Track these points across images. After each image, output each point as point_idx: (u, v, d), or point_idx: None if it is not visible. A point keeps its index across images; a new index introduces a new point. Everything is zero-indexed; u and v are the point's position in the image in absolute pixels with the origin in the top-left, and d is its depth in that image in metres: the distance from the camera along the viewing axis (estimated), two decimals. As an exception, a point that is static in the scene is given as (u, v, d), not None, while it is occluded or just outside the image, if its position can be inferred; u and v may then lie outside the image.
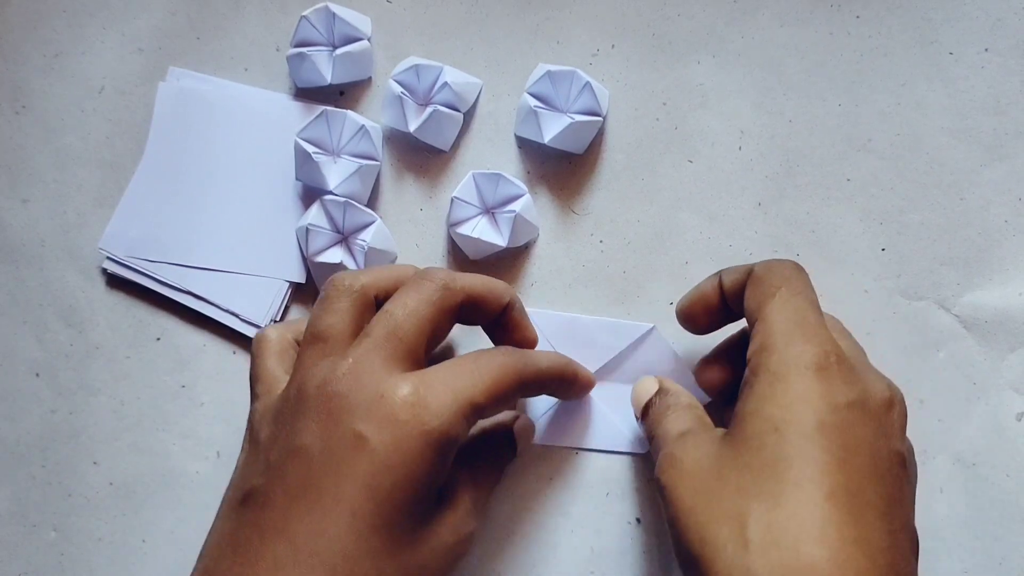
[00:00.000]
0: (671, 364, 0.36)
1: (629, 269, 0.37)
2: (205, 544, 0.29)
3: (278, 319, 0.38)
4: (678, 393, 0.32)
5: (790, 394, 0.27)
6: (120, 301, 0.39)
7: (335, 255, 0.36)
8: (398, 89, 0.37)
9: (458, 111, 0.37)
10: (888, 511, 0.26)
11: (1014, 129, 0.36)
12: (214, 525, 0.29)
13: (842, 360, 0.27)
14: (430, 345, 0.30)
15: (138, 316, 0.39)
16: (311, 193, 0.38)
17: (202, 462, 0.38)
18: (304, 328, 0.31)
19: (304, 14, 0.37)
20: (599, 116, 0.36)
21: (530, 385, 0.31)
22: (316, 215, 0.37)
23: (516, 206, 0.36)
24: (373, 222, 0.37)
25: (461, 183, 0.36)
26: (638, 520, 0.36)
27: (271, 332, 0.32)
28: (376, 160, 0.37)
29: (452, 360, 0.29)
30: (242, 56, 0.40)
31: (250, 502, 0.28)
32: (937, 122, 0.37)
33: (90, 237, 0.39)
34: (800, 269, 0.30)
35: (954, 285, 0.36)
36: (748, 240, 0.37)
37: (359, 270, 0.32)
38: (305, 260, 0.38)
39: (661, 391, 0.33)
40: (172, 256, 0.38)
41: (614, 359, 0.36)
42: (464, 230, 0.36)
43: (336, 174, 0.37)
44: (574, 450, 0.36)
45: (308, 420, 0.28)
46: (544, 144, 0.36)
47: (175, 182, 0.39)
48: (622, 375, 0.36)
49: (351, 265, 0.36)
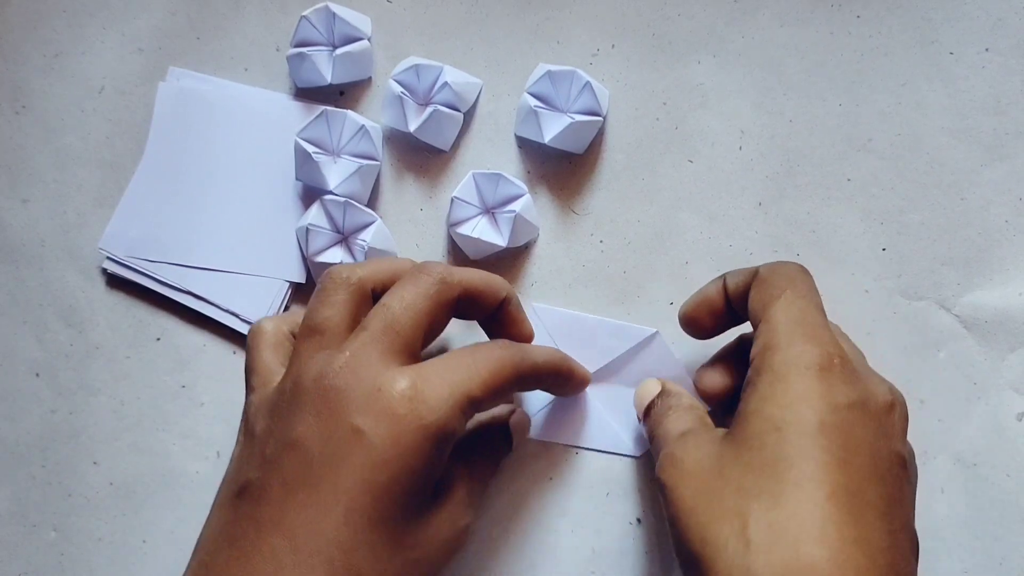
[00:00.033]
0: (672, 370, 0.36)
1: (629, 269, 0.37)
2: (201, 537, 0.29)
3: (278, 319, 0.38)
4: (680, 394, 0.32)
5: (792, 394, 0.27)
6: (120, 301, 0.39)
7: (335, 255, 0.36)
8: (398, 89, 0.37)
9: (458, 111, 0.37)
10: (888, 512, 0.26)
11: (1014, 129, 0.36)
12: (209, 518, 0.29)
13: (845, 361, 0.27)
14: (427, 339, 0.30)
15: (138, 316, 0.39)
16: (311, 193, 0.38)
17: (202, 462, 0.38)
18: (300, 320, 0.31)
19: (304, 14, 0.37)
20: (599, 116, 0.36)
21: (526, 379, 0.31)
22: (316, 215, 0.37)
23: (516, 206, 0.36)
24: (373, 222, 0.37)
25: (461, 183, 0.36)
26: (638, 520, 0.36)
27: (267, 324, 0.32)
28: (376, 160, 0.37)
29: (449, 353, 0.29)
30: (242, 56, 0.40)
31: (246, 495, 0.28)
32: (937, 122, 0.37)
33: (90, 237, 0.39)
34: (805, 271, 0.30)
35: (954, 285, 0.36)
36: (748, 240, 0.37)
37: (356, 263, 0.32)
38: (305, 260, 0.38)
39: (663, 392, 0.33)
40: (172, 256, 0.38)
41: (615, 361, 0.36)
42: (464, 230, 0.36)
43: (336, 174, 0.37)
44: (574, 451, 0.36)
45: (305, 413, 0.28)
46: (544, 144, 0.36)
47: (175, 182, 0.39)
48: (621, 377, 0.36)
49: (351, 265, 0.36)
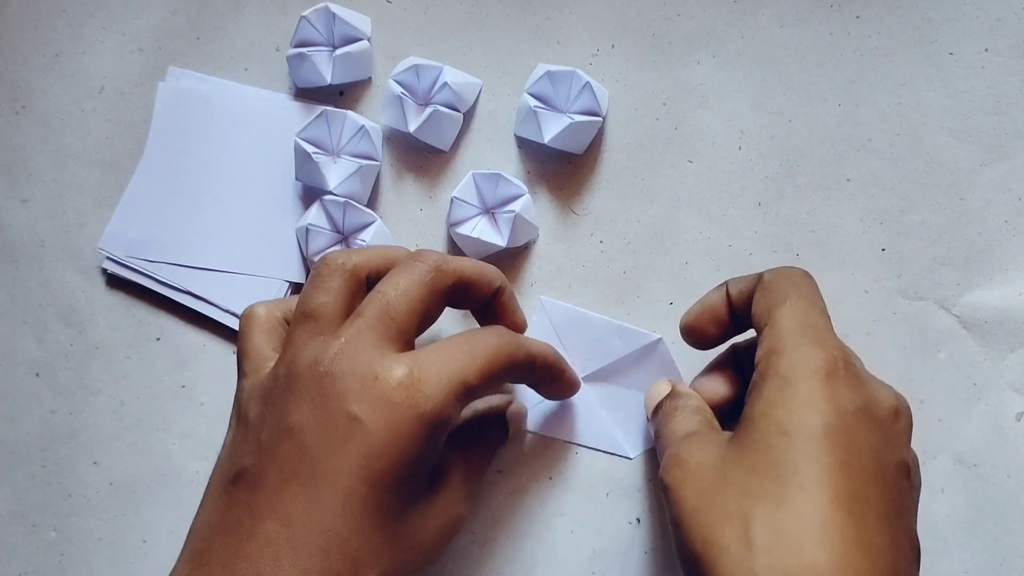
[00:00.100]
0: (672, 378, 0.36)
1: (629, 269, 0.37)
2: (194, 524, 0.28)
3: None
4: (688, 396, 0.32)
5: (798, 398, 0.26)
6: (120, 301, 0.39)
7: (335, 255, 0.37)
8: (398, 89, 0.37)
9: (458, 111, 0.37)
10: (891, 517, 0.26)
11: (1014, 129, 0.36)
12: (203, 505, 0.29)
13: (850, 367, 0.27)
14: (421, 326, 0.30)
15: (138, 316, 0.39)
16: (311, 193, 0.38)
17: (202, 462, 0.38)
18: (293, 306, 0.31)
19: (304, 14, 0.37)
20: (599, 116, 0.36)
21: (521, 368, 0.30)
22: (316, 215, 0.37)
23: (516, 206, 0.36)
24: (373, 222, 0.37)
25: (461, 183, 0.36)
26: (638, 520, 0.36)
27: (259, 308, 0.32)
28: (376, 160, 0.37)
29: (445, 340, 0.29)
30: (242, 56, 0.40)
31: (241, 482, 0.27)
32: (937, 122, 0.37)
33: (90, 237, 0.39)
34: (809, 276, 0.30)
35: (954, 285, 0.36)
36: (748, 240, 0.37)
37: (351, 249, 0.32)
38: (305, 260, 0.38)
39: (672, 393, 0.33)
40: (172, 256, 0.38)
41: (616, 362, 0.36)
42: (464, 230, 0.36)
43: (336, 174, 0.37)
44: (574, 451, 0.36)
45: (300, 400, 0.27)
46: (544, 144, 0.36)
47: (175, 182, 0.39)
48: (621, 379, 0.36)
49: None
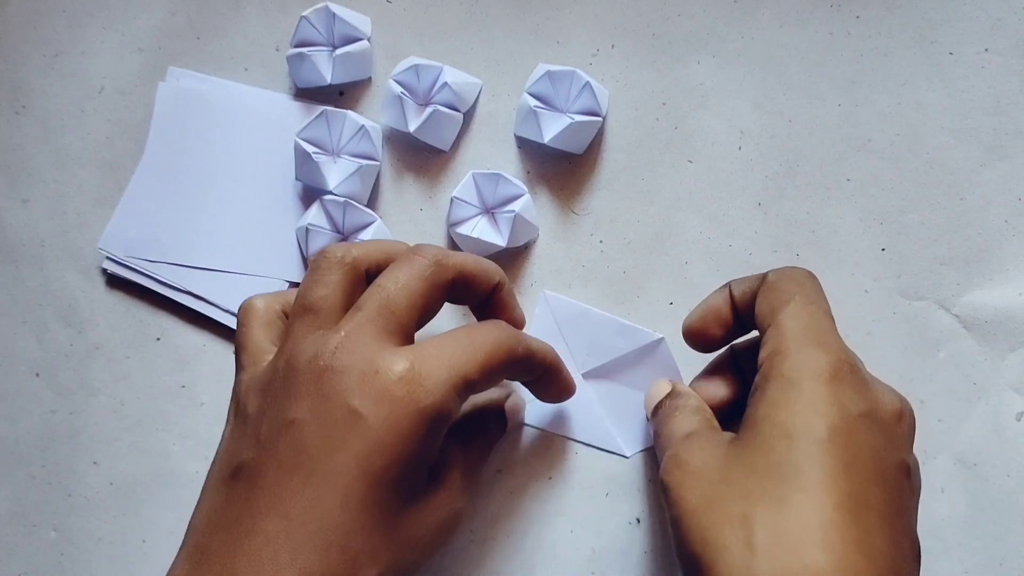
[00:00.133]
0: (672, 378, 0.36)
1: (629, 269, 0.37)
2: (193, 520, 0.28)
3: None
4: (688, 395, 0.32)
5: (802, 400, 0.26)
6: (120, 301, 0.39)
7: (335, 255, 0.36)
8: (398, 89, 0.37)
9: (458, 111, 0.37)
10: (893, 520, 0.26)
11: (1014, 129, 0.36)
12: (202, 500, 0.28)
13: (855, 370, 0.27)
14: (421, 321, 0.30)
15: (138, 316, 0.39)
16: (311, 193, 0.38)
17: (202, 462, 0.38)
18: (292, 299, 0.30)
19: (304, 14, 0.37)
20: (599, 116, 0.36)
21: (520, 363, 0.30)
22: (316, 215, 0.37)
23: (516, 206, 0.36)
24: (373, 222, 0.37)
25: (461, 183, 0.36)
26: (638, 520, 0.36)
27: (258, 301, 0.32)
28: (376, 160, 0.37)
29: (445, 334, 0.29)
30: (242, 56, 0.40)
31: (240, 477, 0.27)
32: (937, 122, 0.37)
33: (90, 237, 0.39)
34: (813, 277, 0.30)
35: (954, 285, 0.36)
36: (748, 240, 0.37)
37: (351, 243, 0.32)
38: (305, 260, 0.38)
39: (672, 393, 0.33)
40: (172, 256, 0.38)
41: (617, 360, 0.36)
42: (464, 230, 0.36)
43: (336, 174, 0.37)
44: (574, 450, 0.36)
45: (299, 394, 0.27)
46: (544, 144, 0.36)
47: (175, 182, 0.39)
48: (621, 377, 0.36)
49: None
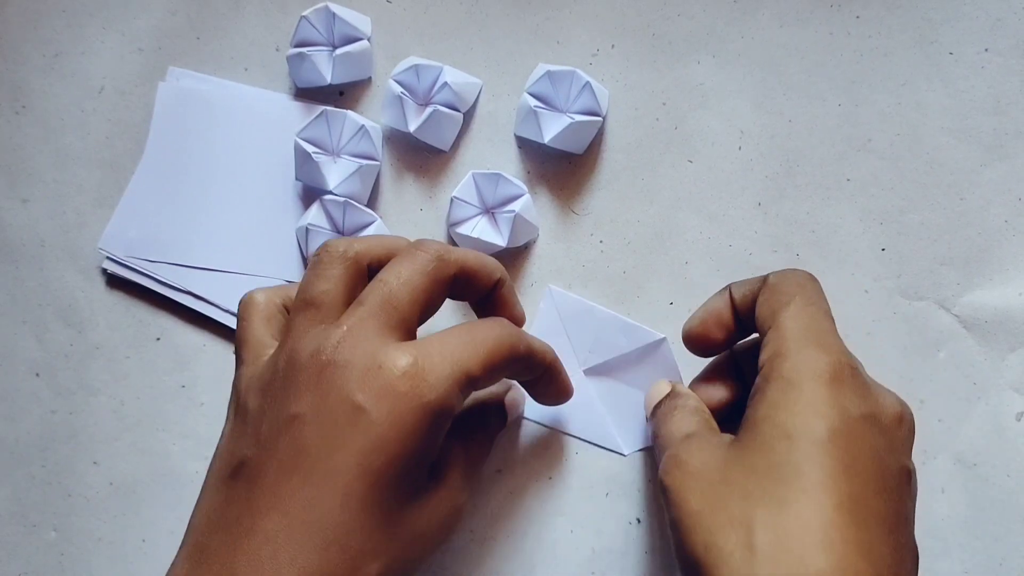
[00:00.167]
0: (673, 378, 0.36)
1: (629, 269, 0.37)
2: (193, 519, 0.28)
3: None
4: (687, 396, 0.32)
5: (802, 402, 0.26)
6: (120, 301, 0.39)
7: (335, 255, 0.36)
8: (398, 89, 0.37)
9: (458, 111, 0.37)
10: (892, 523, 0.26)
11: (1014, 129, 0.36)
12: (202, 497, 0.28)
13: (855, 372, 0.27)
14: (423, 316, 0.30)
15: (138, 316, 0.39)
16: (311, 193, 0.38)
17: (202, 462, 0.38)
18: (293, 293, 0.30)
19: (304, 14, 0.37)
20: (599, 116, 0.36)
21: (521, 360, 0.30)
22: (316, 215, 0.37)
23: (516, 206, 0.36)
24: (373, 222, 0.37)
25: (461, 183, 0.36)
26: (638, 520, 0.36)
27: (258, 295, 0.31)
28: (376, 160, 0.37)
29: (447, 330, 0.29)
30: (242, 56, 0.40)
31: (240, 475, 0.27)
32: (937, 122, 0.37)
33: (90, 237, 0.39)
34: (814, 279, 0.30)
35: (954, 285, 0.36)
36: (748, 240, 0.37)
37: (352, 238, 0.31)
38: (305, 260, 0.38)
39: (672, 393, 0.32)
40: (172, 256, 0.38)
41: (619, 358, 0.36)
42: (464, 230, 0.36)
43: (336, 174, 0.37)
44: (574, 450, 0.36)
45: (301, 390, 0.27)
46: (544, 144, 0.36)
47: (175, 182, 0.39)
48: (622, 375, 0.36)
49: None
